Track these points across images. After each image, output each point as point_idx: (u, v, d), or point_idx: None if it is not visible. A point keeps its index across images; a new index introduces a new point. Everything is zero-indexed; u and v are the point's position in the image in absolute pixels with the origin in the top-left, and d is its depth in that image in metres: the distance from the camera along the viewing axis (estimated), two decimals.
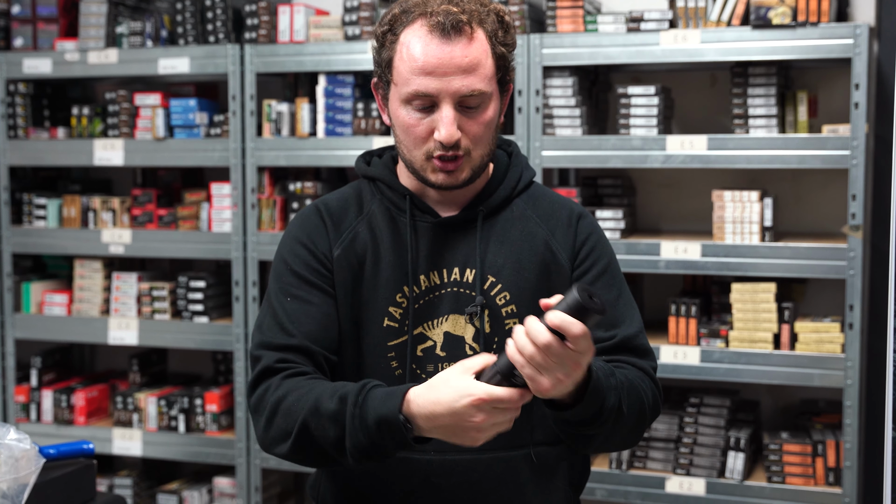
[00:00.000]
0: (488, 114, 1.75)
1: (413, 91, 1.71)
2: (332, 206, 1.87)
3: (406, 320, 1.80)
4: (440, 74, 1.70)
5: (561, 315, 1.46)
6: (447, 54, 1.70)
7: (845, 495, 2.89)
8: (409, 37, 1.73)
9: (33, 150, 3.65)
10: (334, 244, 1.83)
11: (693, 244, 3.00)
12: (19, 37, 3.70)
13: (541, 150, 3.09)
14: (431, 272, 1.82)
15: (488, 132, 1.77)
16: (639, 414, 1.75)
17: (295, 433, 1.66)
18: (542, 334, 1.47)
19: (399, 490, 1.81)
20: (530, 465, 1.83)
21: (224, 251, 3.42)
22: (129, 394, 3.59)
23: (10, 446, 1.78)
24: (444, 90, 1.70)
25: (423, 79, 1.70)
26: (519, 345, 1.49)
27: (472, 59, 1.71)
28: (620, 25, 3.05)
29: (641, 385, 1.77)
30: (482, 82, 1.72)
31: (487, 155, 1.79)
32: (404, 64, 1.72)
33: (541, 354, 1.48)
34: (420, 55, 1.70)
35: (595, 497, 3.10)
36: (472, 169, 1.77)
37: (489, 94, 1.74)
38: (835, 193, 3.18)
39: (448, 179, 1.76)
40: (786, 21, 2.89)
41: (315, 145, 3.30)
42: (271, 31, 3.37)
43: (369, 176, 1.89)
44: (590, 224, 1.89)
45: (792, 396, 3.31)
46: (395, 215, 1.84)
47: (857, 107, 2.84)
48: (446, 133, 1.71)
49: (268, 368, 1.74)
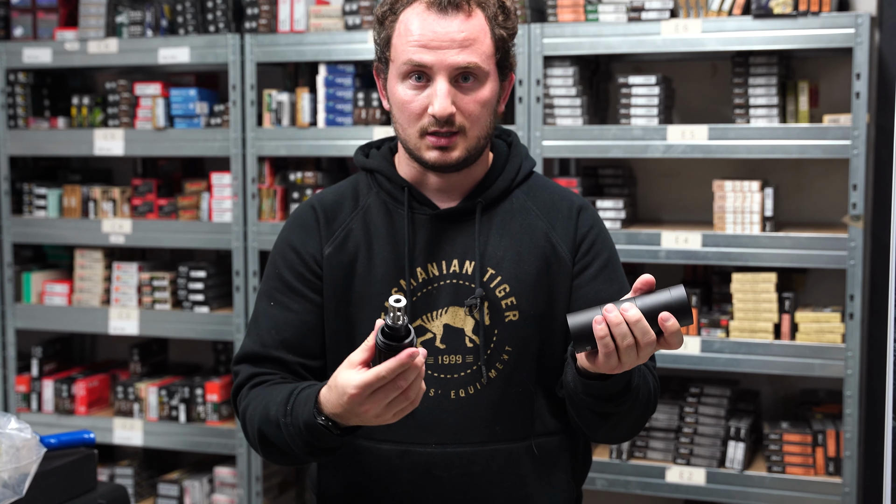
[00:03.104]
0: (484, 92, 1.75)
1: (408, 61, 1.72)
2: (328, 203, 1.87)
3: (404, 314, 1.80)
4: (435, 47, 1.70)
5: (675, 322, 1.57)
6: (443, 27, 1.71)
7: (845, 485, 2.89)
8: (408, 15, 1.74)
9: (33, 140, 3.65)
10: (325, 243, 1.83)
11: (694, 234, 3.00)
12: (19, 26, 3.69)
13: (541, 139, 3.09)
14: (429, 264, 1.81)
15: (485, 112, 1.76)
16: (647, 401, 1.79)
17: (258, 441, 1.72)
18: (649, 332, 1.57)
19: (400, 482, 1.81)
20: (532, 457, 1.83)
21: (224, 241, 3.42)
22: (129, 383, 3.59)
23: (12, 436, 1.78)
24: (440, 63, 1.71)
25: (418, 50, 1.71)
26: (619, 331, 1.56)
27: (468, 34, 1.72)
28: (621, 15, 3.05)
29: (647, 375, 1.81)
30: (478, 57, 1.72)
31: (484, 137, 1.78)
32: (401, 39, 1.74)
33: (627, 341, 1.56)
34: (417, 29, 1.72)
35: (595, 487, 3.10)
36: (467, 149, 1.76)
37: (485, 72, 1.74)
38: (836, 183, 3.18)
39: (441, 157, 1.75)
40: (787, 10, 2.88)
41: (315, 135, 3.30)
42: (272, 20, 3.37)
43: (367, 168, 1.88)
44: (591, 217, 1.89)
45: (792, 386, 3.31)
46: (391, 208, 1.83)
47: (859, 96, 2.83)
48: (440, 106, 1.70)
49: (241, 384, 1.82)
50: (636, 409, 1.76)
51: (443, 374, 1.80)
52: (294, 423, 1.62)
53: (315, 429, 1.59)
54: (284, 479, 3.68)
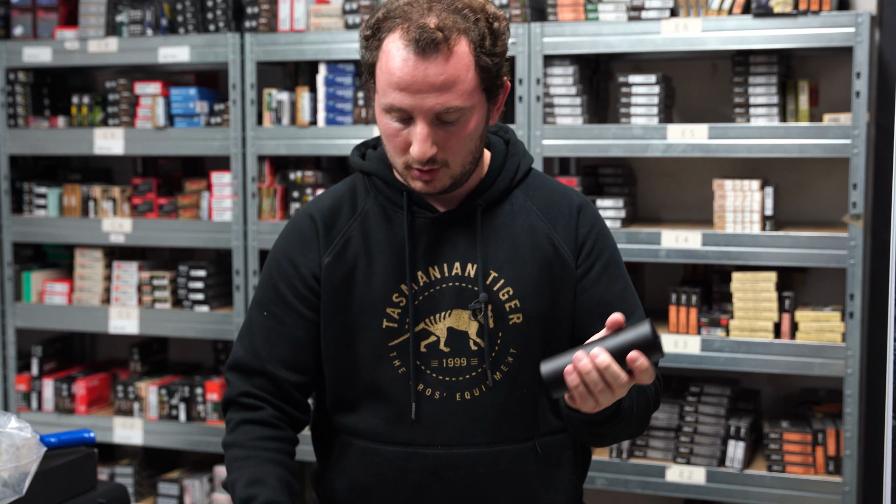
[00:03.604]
0: (468, 128, 1.71)
1: (389, 104, 1.69)
2: (325, 210, 1.86)
3: (406, 318, 1.80)
4: (414, 91, 1.65)
5: (645, 361, 1.54)
6: (421, 72, 1.65)
7: (845, 484, 2.89)
8: (389, 45, 1.68)
9: (33, 139, 3.65)
10: (324, 252, 1.83)
11: (694, 233, 3.00)
12: (19, 25, 3.69)
13: (541, 138, 3.09)
14: (430, 267, 1.81)
15: (469, 143, 1.73)
16: (645, 411, 1.80)
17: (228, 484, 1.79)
18: (620, 376, 1.55)
19: (407, 484, 1.81)
20: (536, 457, 1.84)
21: (224, 240, 3.42)
22: (129, 383, 3.59)
23: (12, 435, 1.78)
24: (418, 107, 1.66)
25: (397, 94, 1.66)
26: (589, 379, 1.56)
27: (447, 77, 1.65)
28: (621, 14, 3.05)
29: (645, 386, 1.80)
30: (459, 99, 1.67)
31: (470, 163, 1.77)
32: (383, 75, 1.69)
33: (599, 387, 1.57)
34: (395, 70, 1.66)
35: (596, 486, 3.10)
36: (452, 177, 1.75)
37: (468, 109, 1.69)
38: (836, 182, 3.18)
39: (426, 188, 1.75)
40: (787, 9, 2.88)
41: (315, 134, 3.30)
42: (271, 19, 3.37)
43: (364, 171, 1.87)
44: (591, 216, 1.88)
45: (792, 385, 3.31)
46: (390, 213, 1.83)
47: (859, 95, 2.83)
48: (418, 150, 1.68)
49: (231, 401, 1.85)
50: (632, 422, 1.78)
51: (448, 376, 1.79)
52: None
53: None
54: None
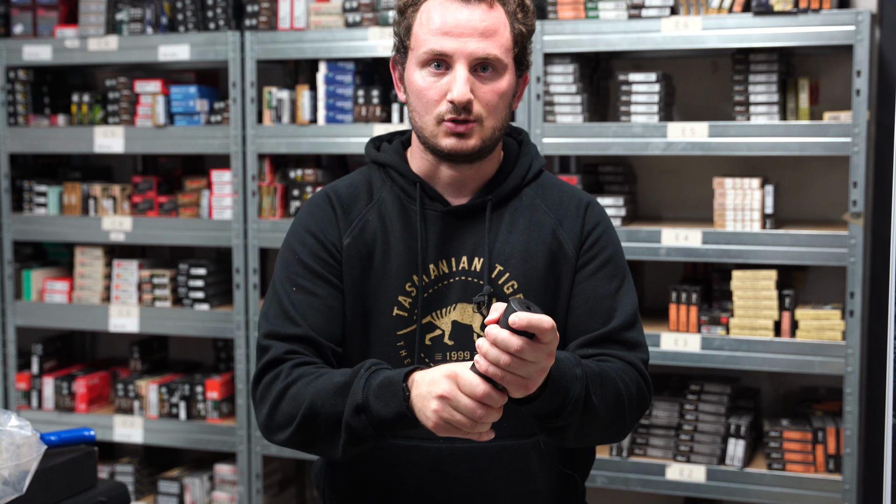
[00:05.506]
0: (502, 84, 1.77)
1: (429, 50, 1.74)
2: (342, 193, 1.87)
3: (415, 309, 1.80)
4: (457, 35, 1.73)
5: (527, 315, 1.44)
6: (465, 16, 1.74)
7: (845, 482, 2.89)
8: (430, 4, 1.77)
9: (33, 138, 3.65)
10: (344, 233, 1.83)
11: (694, 231, 3.00)
12: (19, 24, 3.69)
13: (542, 137, 3.09)
14: (440, 261, 1.82)
15: (501, 103, 1.78)
16: (615, 406, 1.72)
17: (300, 416, 1.67)
18: (513, 341, 1.44)
19: (408, 478, 1.82)
20: (539, 453, 1.83)
21: (225, 238, 3.42)
22: (130, 381, 3.60)
23: (12, 433, 1.78)
24: (460, 51, 1.73)
25: (440, 38, 1.73)
26: (491, 357, 1.46)
27: (489, 25, 1.74)
28: (622, 12, 3.04)
29: (623, 377, 1.74)
30: (498, 49, 1.75)
31: (499, 129, 1.79)
32: (422, 28, 1.76)
33: (516, 360, 1.46)
34: (438, 17, 1.74)
35: (595, 484, 3.11)
36: (483, 139, 1.77)
37: (504, 64, 1.77)
38: (836, 181, 3.18)
39: (458, 144, 1.75)
40: (787, 8, 2.88)
41: (316, 132, 3.30)
42: (272, 17, 3.36)
43: (380, 161, 1.88)
44: (598, 214, 1.89)
45: (792, 384, 3.31)
46: (405, 203, 1.84)
47: (859, 94, 2.83)
48: (458, 92, 1.72)
49: (276, 359, 1.75)
50: (596, 416, 1.68)
51: None
52: (369, 379, 1.61)
53: (391, 384, 1.58)
54: (285, 477, 3.68)
